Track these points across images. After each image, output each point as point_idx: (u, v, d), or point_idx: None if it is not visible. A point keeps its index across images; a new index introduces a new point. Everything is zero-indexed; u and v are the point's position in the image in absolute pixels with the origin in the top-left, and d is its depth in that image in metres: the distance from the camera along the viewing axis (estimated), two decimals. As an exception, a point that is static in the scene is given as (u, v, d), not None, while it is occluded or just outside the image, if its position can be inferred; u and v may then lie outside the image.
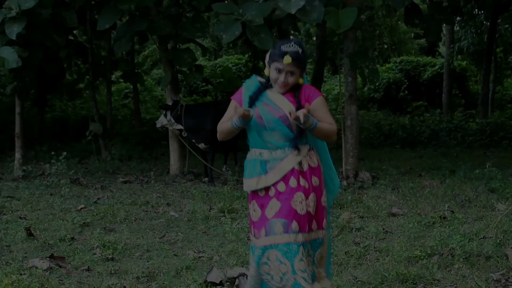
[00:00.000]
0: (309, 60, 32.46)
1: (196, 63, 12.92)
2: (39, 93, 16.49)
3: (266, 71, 4.03)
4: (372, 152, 14.95)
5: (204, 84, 24.62)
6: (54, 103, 20.75)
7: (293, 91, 3.99)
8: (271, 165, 3.96)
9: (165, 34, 11.25)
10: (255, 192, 4.03)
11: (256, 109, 3.97)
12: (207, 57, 28.44)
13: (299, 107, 3.89)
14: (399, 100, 25.72)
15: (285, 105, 3.93)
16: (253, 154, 4.06)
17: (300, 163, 3.94)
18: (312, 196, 3.92)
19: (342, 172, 10.41)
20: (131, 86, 19.04)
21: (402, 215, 7.82)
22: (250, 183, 4.03)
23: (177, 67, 11.98)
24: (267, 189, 3.98)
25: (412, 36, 33.65)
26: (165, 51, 11.96)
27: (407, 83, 26.07)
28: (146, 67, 26.32)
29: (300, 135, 3.96)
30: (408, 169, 11.70)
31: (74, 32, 15.82)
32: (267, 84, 4.04)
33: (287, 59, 3.81)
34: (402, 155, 14.46)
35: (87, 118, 15.95)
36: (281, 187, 3.92)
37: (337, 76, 13.28)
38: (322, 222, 3.99)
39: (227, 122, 4.03)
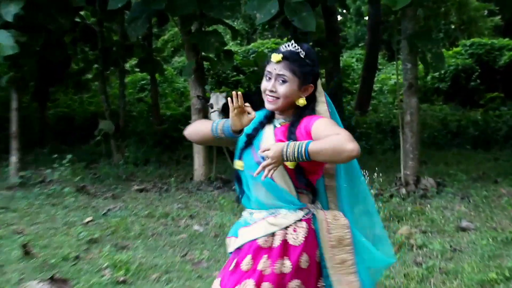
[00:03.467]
0: (360, 44, 32.44)
1: (225, 48, 12.92)
2: (40, 85, 16.64)
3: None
4: (437, 154, 14.81)
5: (234, 73, 24.65)
6: (57, 97, 20.96)
7: (292, 121, 3.32)
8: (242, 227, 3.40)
9: (188, 13, 11.26)
10: None
11: (248, 152, 3.38)
12: (239, 41, 28.47)
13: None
14: (469, 91, 25.42)
15: (266, 142, 3.29)
16: (242, 214, 3.48)
17: (271, 236, 3.24)
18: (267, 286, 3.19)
19: (400, 178, 10.32)
20: (148, 77, 19.14)
21: (473, 229, 7.73)
22: (227, 242, 3.54)
23: (203, 53, 12.00)
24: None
25: (485, 13, 33.29)
26: (188, 34, 11.99)
27: (479, 70, 25.75)
28: (166, 54, 26.49)
29: (292, 190, 3.25)
30: (481, 174, 11.55)
31: (81, 13, 15.94)
32: (270, 116, 3.43)
33: (275, 56, 3.27)
34: (474, 157, 14.31)
35: (96, 114, 16.08)
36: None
37: (394, 63, 13.12)
38: None
39: (208, 123, 3.46)
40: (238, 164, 3.36)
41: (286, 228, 3.22)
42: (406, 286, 5.75)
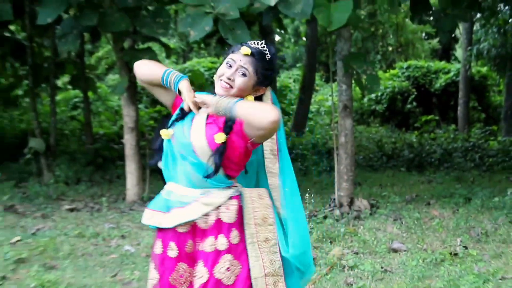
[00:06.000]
0: (297, 65, 32.73)
1: (160, 66, 12.88)
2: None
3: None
4: (371, 176, 15.01)
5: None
6: (-15, 113, 20.65)
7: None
8: (175, 207, 3.48)
9: (120, 30, 11.23)
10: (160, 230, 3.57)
11: (179, 126, 3.49)
12: (174, 60, 28.50)
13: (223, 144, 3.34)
14: (405, 113, 25.89)
15: (198, 130, 3.41)
16: (165, 188, 3.58)
17: (205, 216, 3.42)
18: (201, 267, 3.43)
19: (334, 199, 10.44)
20: (81, 94, 18.98)
21: (404, 251, 7.89)
22: (144, 214, 3.61)
23: (136, 71, 11.96)
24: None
25: (423, 36, 33.93)
26: (120, 51, 11.97)
27: (415, 93, 26.25)
28: (100, 71, 26.31)
29: (217, 168, 3.36)
30: (414, 196, 11.76)
31: (10, 27, 15.78)
32: None
33: (245, 49, 3.40)
34: (408, 179, 14.53)
35: (26, 132, 15.87)
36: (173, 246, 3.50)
37: (331, 84, 13.17)
38: None
39: (162, 68, 3.54)
40: (166, 133, 3.46)
41: (219, 207, 3.39)
42: (336, 306, 5.85)
